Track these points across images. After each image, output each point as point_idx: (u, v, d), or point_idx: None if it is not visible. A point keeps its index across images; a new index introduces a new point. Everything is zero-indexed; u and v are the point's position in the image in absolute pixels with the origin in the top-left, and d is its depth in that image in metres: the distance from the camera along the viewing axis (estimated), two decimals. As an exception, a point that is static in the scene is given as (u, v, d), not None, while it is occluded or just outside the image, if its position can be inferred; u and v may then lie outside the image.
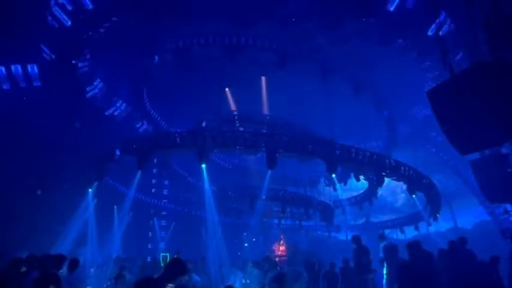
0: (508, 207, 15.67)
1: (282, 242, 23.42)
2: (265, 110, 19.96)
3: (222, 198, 19.75)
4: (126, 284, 8.73)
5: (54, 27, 12.34)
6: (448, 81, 5.52)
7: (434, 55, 12.82)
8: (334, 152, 12.88)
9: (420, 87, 18.52)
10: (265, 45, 16.01)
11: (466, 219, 29.85)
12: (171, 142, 12.65)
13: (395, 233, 25.53)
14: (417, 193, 16.78)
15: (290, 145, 12.54)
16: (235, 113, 18.46)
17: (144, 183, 18.15)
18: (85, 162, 14.11)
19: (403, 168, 14.81)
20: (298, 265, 13.45)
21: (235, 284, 9.41)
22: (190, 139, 12.43)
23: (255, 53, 16.06)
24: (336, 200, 26.57)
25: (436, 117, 5.52)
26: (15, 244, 10.90)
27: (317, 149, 12.75)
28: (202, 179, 16.96)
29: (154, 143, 12.93)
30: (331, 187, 27.82)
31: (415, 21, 12.83)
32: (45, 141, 13.10)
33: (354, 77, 17.86)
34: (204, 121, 16.41)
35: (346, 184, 25.04)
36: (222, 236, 20.58)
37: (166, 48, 16.03)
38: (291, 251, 21.74)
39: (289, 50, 16.21)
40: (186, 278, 8.28)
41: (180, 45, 15.83)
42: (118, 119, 18.09)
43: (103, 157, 13.79)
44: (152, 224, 20.96)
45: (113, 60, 15.48)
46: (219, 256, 14.82)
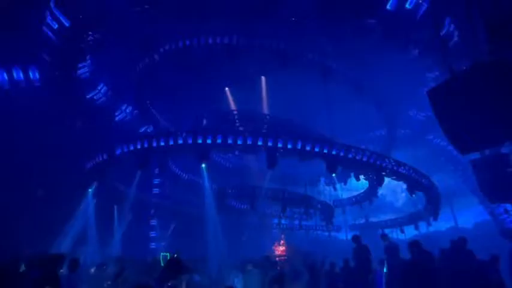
0: (508, 207, 15.68)
1: (282, 241, 23.40)
2: (265, 109, 19.95)
3: (222, 197, 19.72)
4: (126, 284, 8.72)
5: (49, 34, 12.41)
6: (448, 81, 5.52)
7: (435, 55, 12.82)
8: (335, 152, 12.77)
9: (416, 91, 18.74)
10: (266, 45, 15.95)
11: (466, 218, 29.86)
12: (171, 142, 12.56)
13: (395, 232, 25.51)
14: (417, 193, 16.79)
15: (290, 145, 12.44)
16: (235, 113, 18.43)
17: (144, 183, 18.18)
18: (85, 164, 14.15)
19: (403, 168, 14.78)
20: (298, 265, 13.45)
21: (235, 284, 9.40)
22: (190, 139, 12.37)
23: (255, 53, 15.99)
24: (336, 199, 26.61)
25: (436, 116, 5.52)
26: (20, 244, 10.92)
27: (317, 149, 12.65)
28: (202, 178, 16.96)
29: (154, 143, 12.80)
30: (331, 186, 27.91)
31: (414, 21, 12.80)
32: (46, 142, 13.14)
33: (354, 77, 17.82)
34: (204, 121, 16.38)
35: (346, 184, 25.11)
36: (223, 235, 20.58)
37: (166, 48, 15.98)
38: (290, 251, 21.73)
39: (288, 49, 16.16)
40: (187, 276, 8.30)
41: (180, 45, 15.78)
42: (123, 123, 18.12)
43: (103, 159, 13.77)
44: (154, 223, 20.92)
45: (113, 63, 15.50)
46: (220, 256, 14.80)
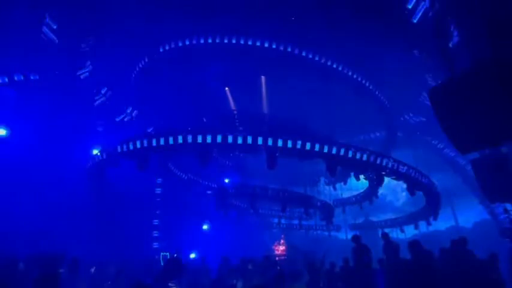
0: (508, 206, 15.65)
1: (282, 241, 23.39)
2: (265, 109, 19.91)
3: (224, 197, 19.72)
4: (126, 283, 8.71)
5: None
6: (449, 80, 5.51)
7: (436, 54, 12.79)
8: (334, 151, 12.70)
9: (413, 95, 18.80)
10: (265, 44, 15.90)
11: (466, 218, 29.87)
12: (171, 142, 12.52)
13: (395, 232, 25.52)
14: (418, 192, 16.78)
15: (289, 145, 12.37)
16: (235, 112, 18.40)
17: (146, 183, 18.19)
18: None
19: (403, 168, 14.76)
20: (298, 265, 13.46)
21: (236, 283, 9.40)
22: (190, 139, 12.32)
23: (254, 52, 15.96)
24: (335, 199, 26.64)
25: (436, 116, 5.51)
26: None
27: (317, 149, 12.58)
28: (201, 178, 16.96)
29: (154, 143, 12.75)
30: (331, 186, 27.97)
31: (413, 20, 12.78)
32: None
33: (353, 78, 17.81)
34: (204, 121, 16.36)
35: (346, 183, 25.15)
36: (223, 235, 20.58)
37: (166, 48, 15.95)
38: (290, 250, 21.72)
39: (289, 48, 16.12)
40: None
41: (179, 44, 15.75)
42: (130, 125, 18.15)
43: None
44: (156, 223, 20.87)
45: (114, 65, 15.59)
46: (220, 256, 14.81)
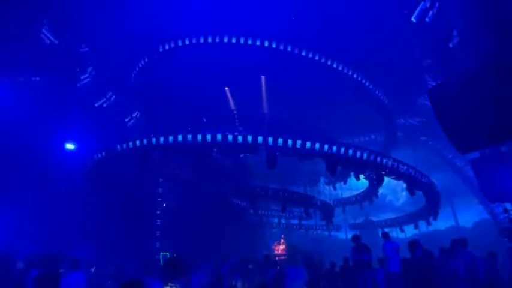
0: (508, 206, 15.63)
1: (282, 241, 23.38)
2: (265, 109, 19.89)
3: (222, 196, 19.72)
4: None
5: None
6: (449, 80, 5.52)
7: (435, 53, 12.81)
8: (334, 150, 12.67)
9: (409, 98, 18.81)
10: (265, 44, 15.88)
11: (466, 218, 29.85)
12: (171, 142, 12.49)
13: (395, 231, 25.50)
14: (417, 192, 16.77)
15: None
16: (235, 112, 18.40)
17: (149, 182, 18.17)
18: None
19: (403, 167, 14.75)
20: (298, 264, 13.41)
21: (236, 284, 9.41)
22: (190, 139, 12.30)
23: (254, 52, 15.94)
24: (335, 198, 26.62)
25: (436, 115, 5.52)
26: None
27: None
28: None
29: (154, 143, 12.70)
30: (331, 186, 27.96)
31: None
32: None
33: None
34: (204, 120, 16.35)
35: (346, 183, 25.14)
36: (223, 235, 20.49)
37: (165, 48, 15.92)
38: (290, 250, 21.71)
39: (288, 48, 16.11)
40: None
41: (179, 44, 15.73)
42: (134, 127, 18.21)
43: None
44: (159, 223, 20.82)
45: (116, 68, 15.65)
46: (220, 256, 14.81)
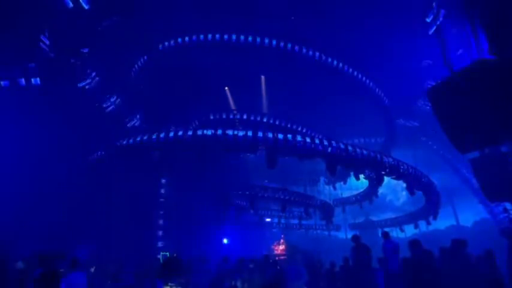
0: (508, 205, 15.66)
1: (281, 241, 23.34)
2: (265, 109, 19.91)
3: (224, 197, 19.69)
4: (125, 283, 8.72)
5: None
6: (448, 80, 5.51)
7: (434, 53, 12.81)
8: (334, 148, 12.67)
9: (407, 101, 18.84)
10: (266, 44, 15.86)
11: (466, 217, 29.83)
12: (171, 142, 12.47)
13: (395, 231, 25.48)
14: (417, 192, 16.78)
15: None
16: (235, 112, 18.40)
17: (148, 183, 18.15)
18: None
19: (403, 167, 14.76)
20: (297, 264, 13.44)
21: (236, 283, 9.40)
22: (190, 139, 12.28)
23: (254, 52, 15.93)
24: (335, 198, 26.62)
25: (435, 115, 5.51)
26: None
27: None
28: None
29: (154, 143, 12.67)
30: (331, 185, 27.95)
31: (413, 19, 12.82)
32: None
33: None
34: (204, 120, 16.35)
35: (346, 183, 25.13)
36: (223, 235, 20.52)
37: (166, 47, 15.92)
38: (290, 250, 21.70)
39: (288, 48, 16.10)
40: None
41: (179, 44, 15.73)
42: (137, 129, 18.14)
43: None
44: (161, 223, 20.80)
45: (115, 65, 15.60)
46: (220, 256, 14.84)
